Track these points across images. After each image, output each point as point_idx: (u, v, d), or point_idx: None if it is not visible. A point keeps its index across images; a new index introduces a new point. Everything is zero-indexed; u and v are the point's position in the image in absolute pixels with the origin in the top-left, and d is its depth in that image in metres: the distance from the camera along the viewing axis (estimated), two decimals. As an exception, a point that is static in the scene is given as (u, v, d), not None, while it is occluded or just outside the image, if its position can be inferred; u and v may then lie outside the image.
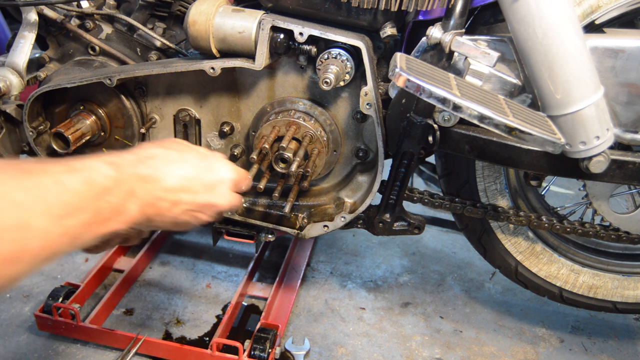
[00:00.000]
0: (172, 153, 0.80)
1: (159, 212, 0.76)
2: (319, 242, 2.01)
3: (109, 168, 0.67)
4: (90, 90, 1.28)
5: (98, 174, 0.65)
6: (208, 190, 0.83)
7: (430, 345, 1.56)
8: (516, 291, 1.78)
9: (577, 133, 1.03)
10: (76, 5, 1.26)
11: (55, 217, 0.57)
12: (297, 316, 1.65)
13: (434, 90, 0.94)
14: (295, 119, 1.22)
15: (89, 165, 0.65)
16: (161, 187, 0.75)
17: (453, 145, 1.15)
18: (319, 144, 1.24)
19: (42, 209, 0.55)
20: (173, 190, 0.77)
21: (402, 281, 1.83)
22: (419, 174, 2.46)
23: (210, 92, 1.29)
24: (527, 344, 1.59)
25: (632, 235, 1.34)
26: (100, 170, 0.66)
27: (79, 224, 0.60)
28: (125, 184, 0.68)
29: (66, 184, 0.59)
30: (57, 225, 0.57)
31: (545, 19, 0.96)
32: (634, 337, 1.64)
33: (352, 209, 1.33)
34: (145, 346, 1.45)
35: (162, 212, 0.76)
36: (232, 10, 1.12)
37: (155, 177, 0.75)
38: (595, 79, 1.01)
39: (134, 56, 1.32)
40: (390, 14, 1.12)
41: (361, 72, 1.15)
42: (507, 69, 1.12)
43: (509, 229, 1.43)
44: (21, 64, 1.26)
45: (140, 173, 0.72)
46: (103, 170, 0.66)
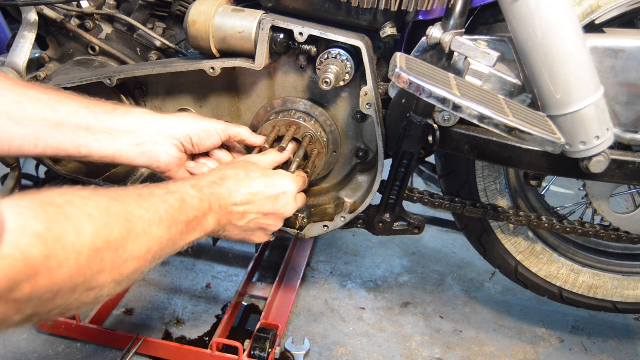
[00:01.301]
0: (240, 172, 0.98)
1: (231, 222, 0.96)
2: (319, 242, 2.01)
3: (194, 190, 0.86)
4: (90, 91, 1.27)
5: (187, 194, 0.84)
6: (272, 201, 1.00)
7: (430, 345, 1.56)
8: (516, 291, 1.78)
9: (577, 133, 1.03)
10: (76, 5, 1.26)
11: (165, 227, 0.75)
12: (297, 316, 1.65)
13: (434, 90, 0.94)
14: (296, 119, 1.22)
15: (180, 188, 0.85)
16: (232, 202, 0.94)
17: (453, 145, 1.15)
18: (319, 144, 1.24)
19: (157, 221, 0.74)
20: (241, 204, 0.96)
21: (402, 281, 1.83)
22: (419, 174, 2.46)
23: (210, 92, 1.29)
24: (527, 344, 1.59)
25: (632, 235, 1.34)
26: (189, 192, 0.85)
27: (177, 232, 0.79)
28: (206, 201, 0.87)
29: (169, 202, 0.79)
30: (167, 233, 0.75)
31: (545, 19, 0.95)
32: (634, 337, 1.64)
33: (352, 209, 1.33)
34: (145, 346, 1.45)
35: (233, 222, 0.96)
36: (232, 10, 1.12)
37: (227, 195, 0.94)
38: (595, 79, 1.01)
39: (134, 56, 1.32)
40: (390, 14, 1.12)
41: (361, 72, 1.15)
42: (507, 69, 1.12)
43: (509, 229, 1.43)
44: (21, 64, 1.26)
45: (215, 192, 0.91)
46: (190, 192, 0.85)
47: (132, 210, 0.70)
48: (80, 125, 0.95)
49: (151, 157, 1.02)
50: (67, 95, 0.96)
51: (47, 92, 0.93)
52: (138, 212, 0.71)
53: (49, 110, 0.91)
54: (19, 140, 0.89)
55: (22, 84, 0.92)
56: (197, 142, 1.06)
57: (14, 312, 0.55)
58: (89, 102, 0.98)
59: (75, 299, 0.61)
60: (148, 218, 0.72)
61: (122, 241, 0.66)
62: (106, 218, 0.65)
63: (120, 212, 0.68)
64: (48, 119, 0.91)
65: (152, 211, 0.74)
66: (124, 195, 0.72)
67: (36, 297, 0.56)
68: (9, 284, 0.52)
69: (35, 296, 0.55)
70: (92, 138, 0.96)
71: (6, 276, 0.51)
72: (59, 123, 0.93)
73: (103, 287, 0.65)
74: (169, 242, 0.76)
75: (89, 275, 0.61)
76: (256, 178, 0.99)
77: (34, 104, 0.90)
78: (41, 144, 0.92)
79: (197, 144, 1.06)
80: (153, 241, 0.72)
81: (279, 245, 1.97)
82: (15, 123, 0.88)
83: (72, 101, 0.95)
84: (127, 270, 0.68)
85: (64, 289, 0.59)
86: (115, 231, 0.65)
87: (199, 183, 0.90)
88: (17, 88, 0.89)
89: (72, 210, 0.61)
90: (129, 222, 0.68)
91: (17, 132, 0.89)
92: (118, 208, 0.68)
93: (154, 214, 0.74)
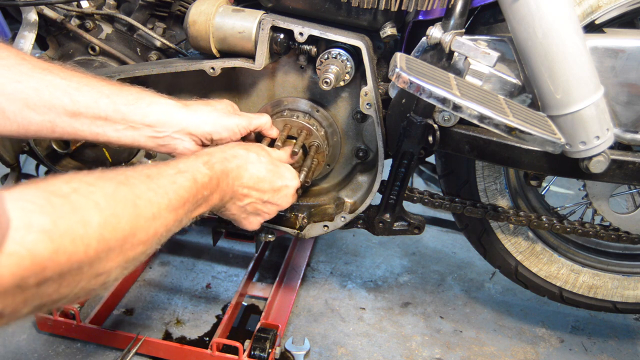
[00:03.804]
0: (252, 155, 0.99)
1: (232, 200, 0.96)
2: (319, 242, 2.01)
3: (205, 167, 0.86)
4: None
5: (198, 173, 0.83)
6: (274, 191, 1.02)
7: (430, 345, 1.56)
8: (516, 291, 1.78)
9: (577, 133, 1.03)
10: (76, 5, 1.26)
11: (173, 209, 0.75)
12: (297, 316, 1.65)
13: (434, 90, 0.94)
14: (309, 126, 1.22)
15: (192, 166, 0.84)
16: (239, 182, 0.95)
17: (453, 145, 1.15)
18: (321, 156, 1.24)
19: (166, 204, 0.73)
20: (247, 186, 0.97)
21: (402, 281, 1.83)
22: (419, 174, 2.46)
23: (210, 92, 1.30)
24: (527, 344, 1.59)
25: (632, 235, 1.34)
26: (200, 170, 0.84)
27: (184, 212, 0.79)
28: (215, 179, 0.87)
29: (179, 183, 0.78)
30: (174, 214, 0.75)
31: (545, 19, 0.95)
32: (634, 337, 1.64)
33: (352, 209, 1.33)
34: (145, 346, 1.45)
35: (234, 201, 0.97)
36: (232, 10, 1.12)
37: (235, 174, 0.94)
38: (595, 79, 1.01)
39: (134, 56, 1.32)
40: (390, 14, 1.12)
41: (361, 72, 1.15)
42: (507, 69, 1.12)
43: (509, 229, 1.43)
44: (21, 64, 1.26)
45: (226, 169, 0.91)
46: (201, 169, 0.85)
47: (140, 194, 0.69)
48: (99, 116, 0.94)
49: (168, 149, 1.03)
50: (88, 82, 0.94)
51: (66, 78, 0.91)
52: (146, 195, 0.70)
53: (67, 99, 0.90)
54: (35, 126, 0.89)
55: (42, 67, 0.90)
56: (217, 139, 1.05)
57: (22, 305, 0.55)
58: (110, 89, 0.96)
59: (82, 287, 0.61)
60: (157, 201, 0.72)
61: (130, 228, 0.66)
62: (113, 205, 0.64)
63: (127, 198, 0.67)
64: (65, 107, 0.91)
65: (160, 193, 0.73)
66: (131, 177, 0.71)
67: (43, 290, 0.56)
68: (16, 281, 0.52)
69: (42, 289, 0.55)
70: (111, 128, 0.96)
71: (13, 274, 0.51)
72: (76, 113, 0.92)
73: (110, 273, 0.65)
74: (175, 222, 0.76)
75: (96, 263, 0.61)
76: (265, 164, 1.00)
77: (51, 92, 0.89)
78: (58, 129, 0.92)
79: (217, 140, 1.06)
80: (160, 224, 0.72)
81: (279, 245, 1.97)
82: (32, 110, 0.88)
83: (92, 89, 0.93)
84: (133, 254, 0.68)
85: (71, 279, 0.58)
86: (123, 219, 0.64)
87: (211, 159, 0.89)
88: (35, 73, 0.88)
89: (79, 200, 0.60)
90: (137, 207, 0.68)
91: (34, 118, 0.88)
92: (125, 193, 0.67)
93: (162, 196, 0.73)
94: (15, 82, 0.86)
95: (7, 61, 0.87)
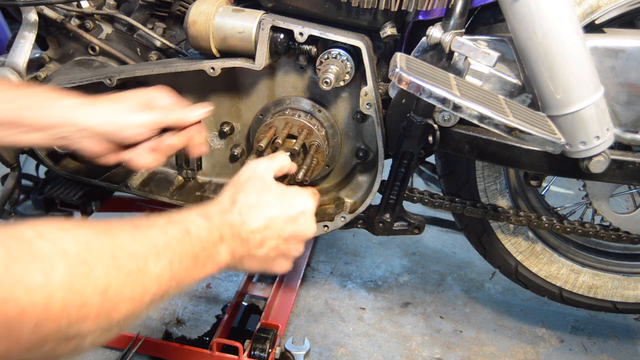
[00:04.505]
0: (251, 196, 0.86)
1: (248, 252, 0.83)
2: (319, 242, 2.01)
3: (202, 219, 0.76)
4: (90, 91, 1.27)
5: (193, 224, 0.74)
6: (291, 223, 0.88)
7: (430, 345, 1.56)
8: (516, 291, 1.78)
9: (577, 133, 1.03)
10: (76, 5, 1.26)
11: (165, 262, 0.65)
12: (297, 316, 1.65)
13: (434, 90, 0.94)
14: (311, 125, 1.22)
15: (185, 217, 0.75)
16: (246, 229, 0.82)
17: (453, 145, 1.15)
18: (321, 156, 1.24)
19: (154, 256, 0.64)
20: (257, 230, 0.83)
21: (402, 281, 1.83)
22: (419, 174, 2.46)
23: (210, 92, 1.30)
24: (527, 344, 1.59)
25: (632, 235, 1.34)
26: (195, 222, 0.75)
27: (182, 268, 0.68)
28: (216, 231, 0.77)
29: (170, 234, 0.68)
30: (167, 270, 0.65)
31: (545, 19, 0.96)
32: (634, 337, 1.64)
33: (352, 208, 1.33)
34: (145, 346, 1.45)
35: (251, 252, 0.84)
36: (232, 10, 1.12)
37: (240, 222, 0.82)
38: (595, 79, 1.01)
39: (134, 56, 1.32)
40: (390, 14, 1.12)
41: (361, 72, 1.15)
42: (507, 69, 1.12)
43: (509, 229, 1.43)
44: (21, 64, 1.26)
45: (227, 220, 0.80)
46: (197, 221, 0.75)
47: (122, 244, 0.61)
48: (2, 122, 0.89)
49: (79, 149, 0.95)
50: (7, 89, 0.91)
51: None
52: (130, 246, 0.62)
53: None
54: None
55: None
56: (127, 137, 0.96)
57: None
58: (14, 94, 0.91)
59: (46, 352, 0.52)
60: (143, 253, 0.63)
61: (108, 282, 0.57)
62: (84, 254, 0.55)
63: (105, 247, 0.58)
64: None
65: (147, 245, 0.64)
66: (115, 227, 0.63)
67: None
68: None
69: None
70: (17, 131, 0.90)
71: None
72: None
73: (85, 336, 0.55)
74: (171, 280, 0.66)
75: (64, 322, 0.52)
76: (271, 199, 0.87)
77: None
78: None
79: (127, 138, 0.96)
80: (150, 280, 0.63)
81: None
82: None
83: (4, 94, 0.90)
84: (117, 315, 0.58)
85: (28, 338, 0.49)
86: (97, 269, 0.56)
87: (208, 211, 0.79)
88: None
89: (42, 245, 0.52)
90: (116, 259, 0.59)
91: None
92: (103, 242, 0.59)
93: (149, 248, 0.64)
94: None
95: None
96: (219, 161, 1.39)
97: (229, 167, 1.39)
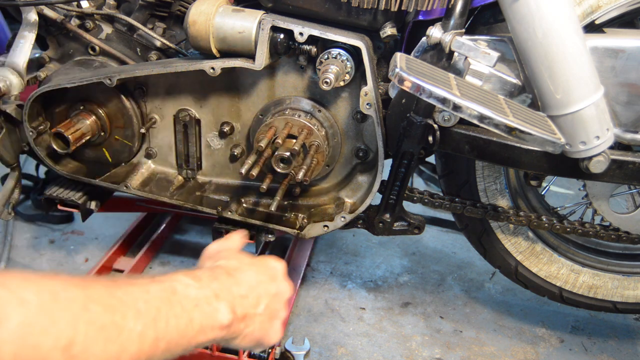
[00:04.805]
0: (232, 261, 0.84)
1: (249, 310, 0.77)
2: (319, 242, 2.01)
3: (189, 278, 0.70)
4: (90, 90, 1.28)
5: (179, 283, 0.68)
6: (273, 279, 0.86)
7: (430, 345, 1.56)
8: (516, 291, 1.78)
9: (577, 133, 1.03)
10: (76, 5, 1.26)
11: (148, 321, 0.59)
12: (297, 316, 1.65)
13: (434, 90, 0.94)
14: (311, 125, 1.22)
15: (170, 277, 0.69)
16: (243, 288, 0.78)
17: (453, 145, 1.15)
18: (320, 156, 1.24)
19: (134, 313, 0.58)
20: (250, 289, 0.80)
21: (402, 281, 1.83)
22: (419, 174, 2.46)
23: (210, 92, 1.29)
24: (527, 344, 1.59)
25: (632, 235, 1.34)
26: (181, 280, 0.69)
27: (171, 329, 0.62)
28: (208, 289, 0.71)
29: (152, 292, 0.62)
30: (151, 329, 0.59)
31: (545, 19, 0.96)
32: (634, 337, 1.64)
33: (352, 208, 1.33)
34: (145, 346, 1.44)
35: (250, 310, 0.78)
36: (232, 10, 1.12)
37: (232, 282, 0.77)
38: (595, 79, 1.01)
39: (134, 56, 1.32)
40: (390, 14, 1.12)
41: (361, 72, 1.15)
42: (507, 69, 1.12)
43: (509, 229, 1.43)
44: (21, 64, 1.26)
45: (218, 279, 0.75)
46: (184, 280, 0.69)
47: (97, 297, 0.55)
48: None
49: None
50: None
51: None
52: (106, 300, 0.56)
53: None
54: None
55: None
56: None
57: None
58: None
59: None
60: (120, 309, 0.56)
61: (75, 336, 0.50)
62: (48, 305, 0.50)
63: (76, 298, 0.52)
64: None
65: (126, 301, 0.58)
66: (92, 281, 0.58)
67: None
68: None
69: None
70: None
71: None
72: None
73: None
74: (157, 341, 0.59)
75: None
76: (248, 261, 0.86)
77: None
78: None
79: None
80: (129, 339, 0.56)
81: (279, 245, 1.97)
82: None
83: None
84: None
85: None
86: (62, 322, 0.50)
87: (195, 272, 0.74)
88: None
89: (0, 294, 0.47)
90: (87, 311, 0.52)
91: None
92: (74, 293, 0.53)
93: (128, 304, 0.58)
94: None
95: None
96: (218, 161, 1.39)
97: (229, 167, 1.39)
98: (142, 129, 1.31)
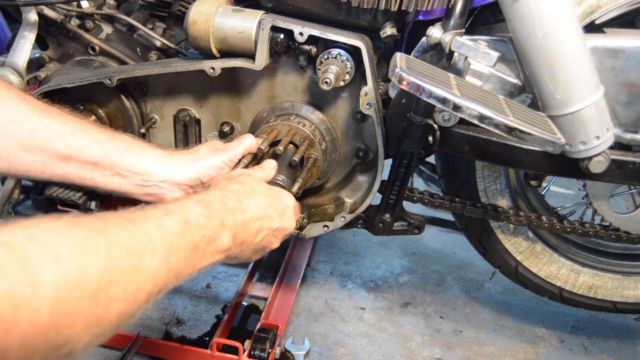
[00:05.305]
0: (247, 187, 0.90)
1: (247, 238, 0.84)
2: (319, 242, 2.01)
3: (199, 206, 0.76)
4: (90, 91, 1.28)
5: (191, 212, 0.73)
6: (280, 216, 0.93)
7: (430, 345, 1.56)
8: (516, 291, 1.78)
9: (577, 133, 1.03)
10: (76, 5, 1.26)
11: (162, 256, 0.63)
12: (297, 316, 1.65)
13: (434, 90, 0.94)
14: (313, 137, 1.21)
15: (183, 205, 0.74)
16: (247, 216, 0.84)
17: (453, 145, 1.15)
18: (315, 170, 1.24)
19: (150, 252, 0.62)
20: (256, 218, 0.86)
21: (402, 281, 1.83)
22: (419, 174, 2.46)
23: (210, 92, 1.30)
24: (527, 344, 1.59)
25: (632, 235, 1.34)
26: (193, 209, 0.74)
27: (180, 260, 0.67)
28: (216, 217, 0.77)
29: (166, 227, 0.67)
30: (163, 264, 0.64)
31: (545, 19, 0.96)
32: (634, 337, 1.64)
33: (352, 208, 1.33)
34: (145, 346, 1.45)
35: (249, 238, 0.85)
36: (232, 10, 1.12)
37: (240, 209, 0.83)
38: (595, 79, 1.01)
39: (134, 56, 1.32)
40: (390, 14, 1.12)
41: (361, 72, 1.15)
42: (507, 69, 1.12)
43: (509, 229, 1.43)
44: (21, 64, 1.26)
45: (227, 206, 0.81)
46: (195, 209, 0.74)
47: (117, 241, 0.58)
48: (89, 161, 0.94)
49: (157, 198, 1.01)
50: (83, 127, 0.95)
51: (63, 122, 0.92)
52: (125, 243, 0.59)
53: (60, 143, 0.91)
54: (26, 166, 0.89)
55: (40, 109, 0.90)
56: (207, 180, 1.03)
57: None
58: (103, 136, 0.96)
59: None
60: (138, 250, 0.60)
61: (101, 283, 0.54)
62: (79, 257, 0.52)
63: (100, 247, 0.56)
64: (58, 151, 0.91)
65: (143, 240, 0.62)
66: (110, 222, 0.61)
67: None
68: None
69: None
70: (99, 173, 0.96)
71: None
72: (68, 157, 0.92)
73: (76, 343, 0.52)
74: (168, 273, 0.65)
75: (52, 333, 0.49)
76: (262, 190, 0.92)
77: (47, 135, 0.89)
78: (47, 171, 0.92)
79: (207, 181, 1.03)
80: (145, 278, 0.60)
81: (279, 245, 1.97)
82: (25, 150, 0.88)
83: (86, 135, 0.94)
84: (108, 317, 0.55)
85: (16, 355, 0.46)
86: (90, 272, 0.53)
87: (206, 198, 0.80)
88: (33, 114, 0.88)
89: (33, 251, 0.49)
90: (111, 258, 0.56)
91: (26, 159, 0.89)
92: (98, 241, 0.56)
93: (145, 243, 0.62)
94: (13, 123, 0.86)
95: (7, 101, 0.87)
96: (219, 161, 1.39)
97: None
98: (142, 129, 1.31)
